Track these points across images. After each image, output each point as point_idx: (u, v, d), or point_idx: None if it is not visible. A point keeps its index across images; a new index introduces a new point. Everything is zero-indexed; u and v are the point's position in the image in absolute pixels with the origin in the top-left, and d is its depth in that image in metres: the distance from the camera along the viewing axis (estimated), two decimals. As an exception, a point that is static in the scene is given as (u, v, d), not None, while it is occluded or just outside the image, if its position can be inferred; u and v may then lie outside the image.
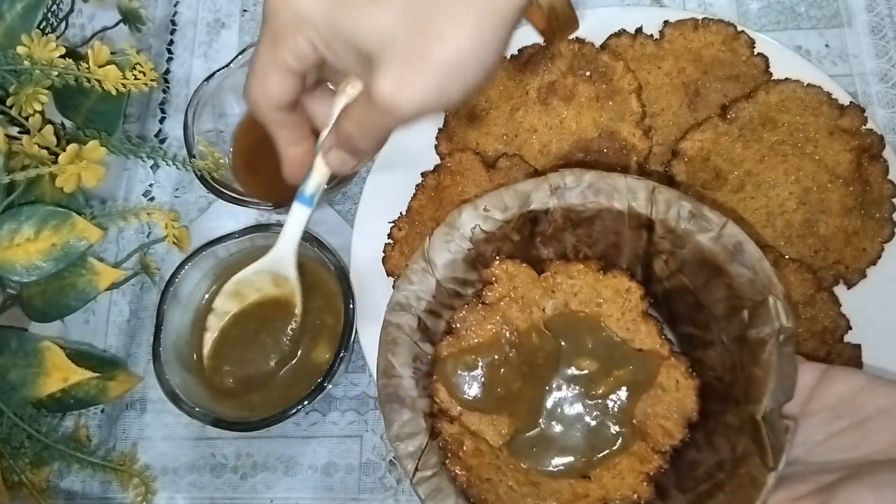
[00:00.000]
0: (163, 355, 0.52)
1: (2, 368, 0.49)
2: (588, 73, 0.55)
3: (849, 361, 0.48)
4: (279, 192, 0.56)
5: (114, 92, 0.50)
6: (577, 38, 0.56)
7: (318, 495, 0.55)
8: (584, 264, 0.45)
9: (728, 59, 0.55)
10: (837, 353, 0.48)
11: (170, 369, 0.52)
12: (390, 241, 0.55)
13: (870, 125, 0.52)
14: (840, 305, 0.50)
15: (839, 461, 0.36)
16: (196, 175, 0.55)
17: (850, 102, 0.53)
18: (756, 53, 0.55)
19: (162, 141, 0.66)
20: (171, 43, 0.69)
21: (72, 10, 0.63)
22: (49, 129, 0.50)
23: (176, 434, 0.58)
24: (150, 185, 0.65)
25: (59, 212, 0.48)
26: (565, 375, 0.44)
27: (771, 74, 0.55)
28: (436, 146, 0.57)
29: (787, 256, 0.50)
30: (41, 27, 0.56)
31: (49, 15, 0.61)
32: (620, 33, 0.57)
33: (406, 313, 0.44)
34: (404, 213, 0.56)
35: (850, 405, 0.37)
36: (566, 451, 0.43)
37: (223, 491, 0.56)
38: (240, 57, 0.58)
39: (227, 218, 0.62)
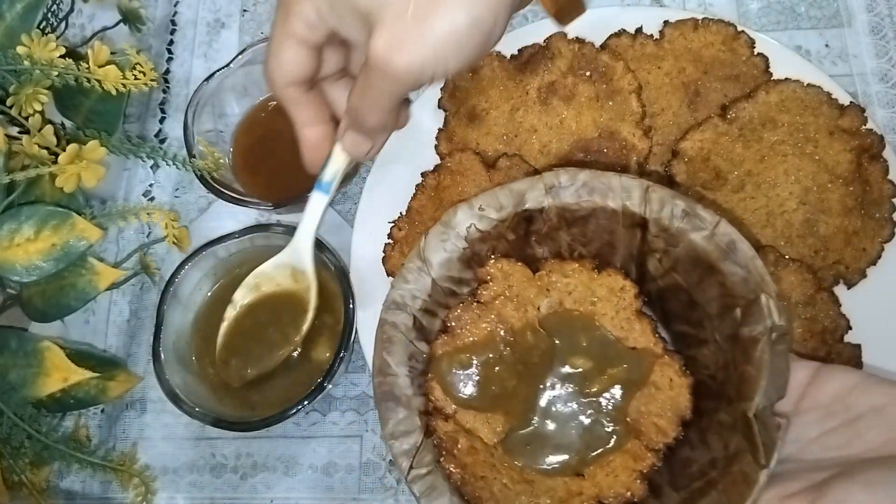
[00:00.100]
0: (163, 355, 0.52)
1: (2, 368, 0.49)
2: (588, 73, 0.55)
3: (849, 361, 0.48)
4: (279, 192, 0.57)
5: (114, 92, 0.50)
6: (577, 38, 0.56)
7: (318, 495, 0.55)
8: (578, 263, 0.45)
9: (728, 59, 0.55)
10: (837, 353, 0.48)
11: (170, 369, 0.52)
12: (390, 241, 0.55)
13: (870, 125, 0.52)
14: (840, 305, 0.50)
15: (832, 459, 0.36)
16: (196, 175, 0.55)
17: (850, 102, 0.53)
18: (756, 53, 0.55)
19: (162, 141, 0.66)
20: (171, 43, 0.69)
21: (72, 10, 0.63)
22: (49, 129, 0.50)
23: (176, 434, 0.58)
24: (150, 185, 0.65)
25: (59, 212, 0.48)
26: (559, 374, 0.44)
27: (771, 74, 0.55)
28: (436, 146, 0.57)
29: (787, 256, 0.50)
30: (41, 27, 0.56)
31: (49, 15, 0.61)
32: (620, 33, 0.57)
33: (402, 312, 0.44)
34: (404, 213, 0.56)
35: (843, 403, 0.37)
36: (560, 449, 0.43)
37: (223, 491, 0.56)
38: (240, 57, 0.58)
39: (227, 218, 0.62)
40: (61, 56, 0.49)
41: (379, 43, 0.34)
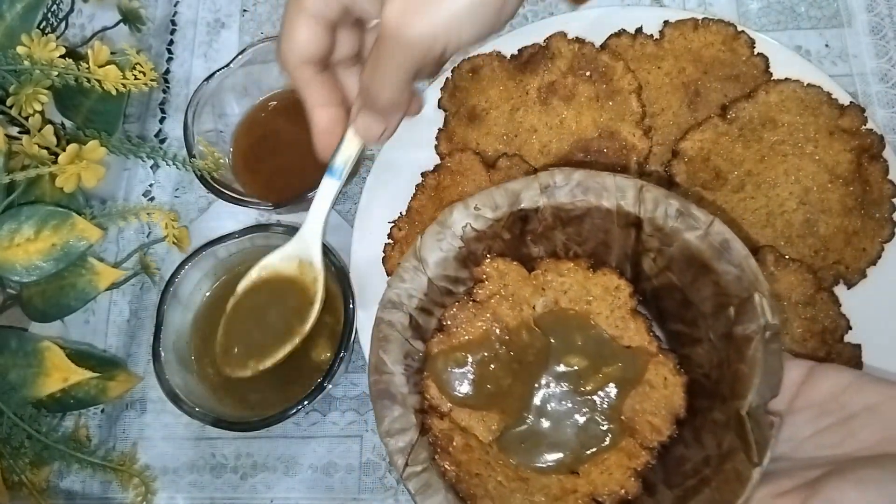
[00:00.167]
0: (163, 355, 0.52)
1: (2, 368, 0.49)
2: (588, 73, 0.55)
3: (849, 361, 0.48)
4: (279, 192, 0.57)
5: (114, 92, 0.50)
6: (577, 38, 0.56)
7: (318, 495, 0.55)
8: (573, 262, 0.46)
9: (728, 59, 0.55)
10: (837, 353, 0.48)
11: (170, 369, 0.52)
12: (390, 241, 0.55)
13: (870, 125, 0.52)
14: (840, 305, 0.49)
15: (825, 457, 0.36)
16: (196, 175, 0.55)
17: (850, 102, 0.53)
18: (756, 53, 0.55)
19: (162, 141, 0.66)
20: (171, 43, 0.69)
21: (72, 10, 0.63)
22: (49, 129, 0.50)
23: (176, 434, 0.58)
24: (150, 185, 0.65)
25: (59, 212, 0.48)
26: (554, 372, 0.45)
27: (771, 74, 0.55)
28: (436, 146, 0.57)
29: (787, 256, 0.50)
30: (41, 27, 0.56)
31: (49, 15, 0.61)
32: (620, 33, 0.57)
33: (398, 311, 0.44)
34: (404, 213, 0.56)
35: (837, 402, 0.37)
36: (555, 448, 0.43)
37: (223, 491, 0.56)
38: (240, 57, 0.58)
39: (227, 218, 0.62)
40: (61, 56, 0.49)
41: (392, 10, 0.34)
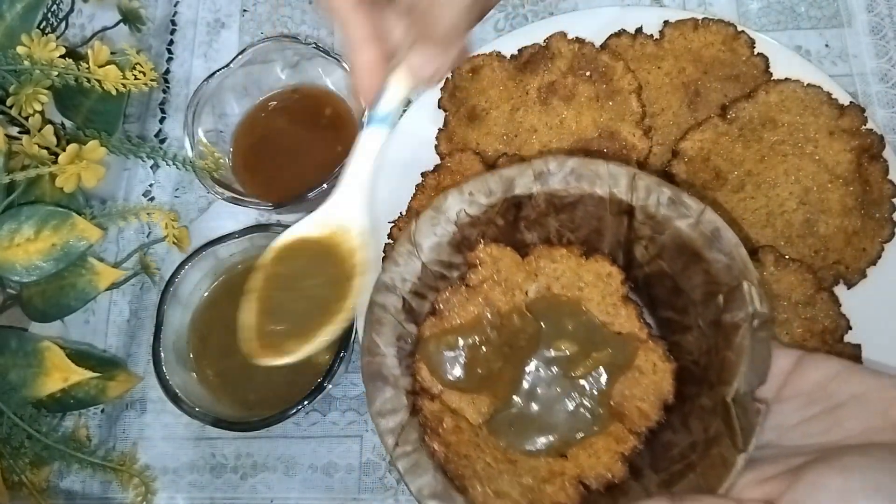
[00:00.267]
0: (163, 355, 0.52)
1: (2, 368, 0.49)
2: (588, 73, 0.55)
3: (849, 361, 0.48)
4: (279, 192, 0.57)
5: (114, 92, 0.50)
6: (577, 38, 0.56)
7: (318, 495, 0.55)
8: (566, 249, 0.46)
9: (728, 59, 0.55)
10: (837, 354, 0.48)
11: (170, 369, 0.52)
12: (390, 241, 0.55)
13: (870, 125, 0.52)
14: (840, 305, 0.49)
15: (811, 445, 0.36)
16: (196, 175, 0.55)
17: (850, 102, 0.53)
18: (756, 53, 0.55)
19: (162, 141, 0.66)
20: (171, 43, 0.69)
21: (72, 10, 0.63)
22: (49, 129, 0.50)
23: (176, 434, 0.58)
24: (150, 185, 0.65)
25: (59, 212, 0.48)
26: (545, 357, 0.45)
27: (771, 74, 0.55)
28: (436, 146, 0.57)
29: (787, 256, 0.50)
30: (41, 27, 0.56)
31: (49, 15, 0.61)
32: (620, 33, 0.57)
33: (391, 294, 0.44)
34: (404, 213, 0.56)
35: (824, 391, 0.37)
36: (544, 431, 0.44)
37: (223, 491, 0.56)
38: (240, 57, 0.58)
39: (227, 218, 0.62)
40: (61, 56, 0.49)
41: None
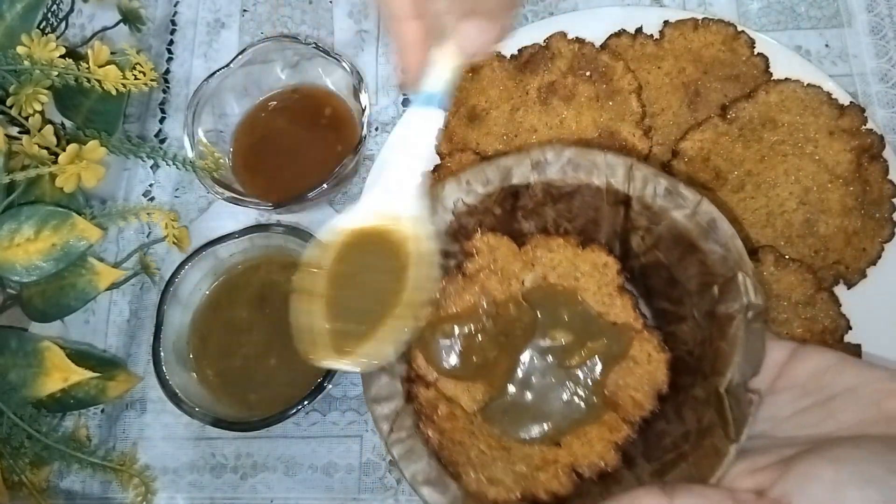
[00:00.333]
0: (163, 355, 0.52)
1: (2, 368, 0.49)
2: (588, 73, 0.55)
3: (849, 361, 0.48)
4: (279, 192, 0.57)
5: (114, 92, 0.50)
6: (577, 38, 0.56)
7: (318, 495, 0.55)
8: (563, 239, 0.46)
9: (728, 59, 0.55)
10: (837, 353, 0.48)
11: (170, 369, 0.52)
12: (390, 241, 0.55)
13: (870, 125, 0.52)
14: (840, 305, 0.50)
15: (804, 437, 0.36)
16: (196, 175, 0.55)
17: (850, 102, 0.53)
18: (756, 53, 0.55)
19: (162, 141, 0.66)
20: (171, 43, 0.69)
21: (72, 10, 0.63)
22: (49, 129, 0.50)
23: (176, 434, 0.58)
24: (150, 185, 0.65)
25: (59, 212, 0.48)
26: (541, 346, 0.45)
27: (771, 74, 0.55)
28: (436, 146, 0.57)
29: (787, 256, 0.50)
30: (41, 27, 0.56)
31: (49, 15, 0.61)
32: (620, 33, 0.57)
33: None
34: (404, 213, 0.56)
35: (818, 383, 0.37)
36: (538, 419, 0.44)
37: (223, 491, 0.56)
38: (240, 57, 0.58)
39: (227, 218, 0.62)
40: (61, 56, 0.49)
41: None
